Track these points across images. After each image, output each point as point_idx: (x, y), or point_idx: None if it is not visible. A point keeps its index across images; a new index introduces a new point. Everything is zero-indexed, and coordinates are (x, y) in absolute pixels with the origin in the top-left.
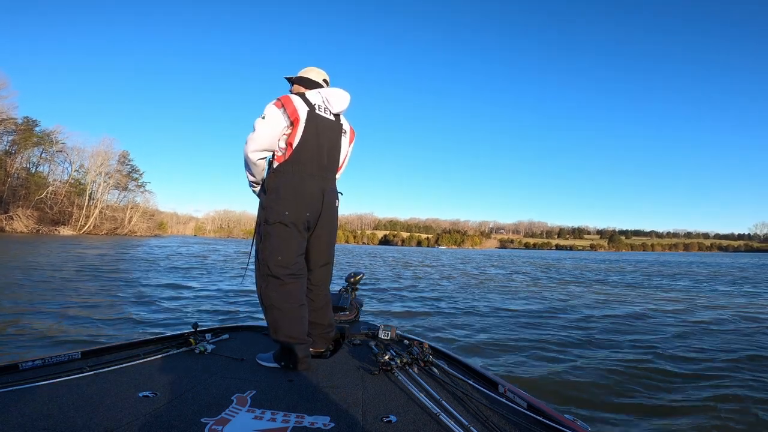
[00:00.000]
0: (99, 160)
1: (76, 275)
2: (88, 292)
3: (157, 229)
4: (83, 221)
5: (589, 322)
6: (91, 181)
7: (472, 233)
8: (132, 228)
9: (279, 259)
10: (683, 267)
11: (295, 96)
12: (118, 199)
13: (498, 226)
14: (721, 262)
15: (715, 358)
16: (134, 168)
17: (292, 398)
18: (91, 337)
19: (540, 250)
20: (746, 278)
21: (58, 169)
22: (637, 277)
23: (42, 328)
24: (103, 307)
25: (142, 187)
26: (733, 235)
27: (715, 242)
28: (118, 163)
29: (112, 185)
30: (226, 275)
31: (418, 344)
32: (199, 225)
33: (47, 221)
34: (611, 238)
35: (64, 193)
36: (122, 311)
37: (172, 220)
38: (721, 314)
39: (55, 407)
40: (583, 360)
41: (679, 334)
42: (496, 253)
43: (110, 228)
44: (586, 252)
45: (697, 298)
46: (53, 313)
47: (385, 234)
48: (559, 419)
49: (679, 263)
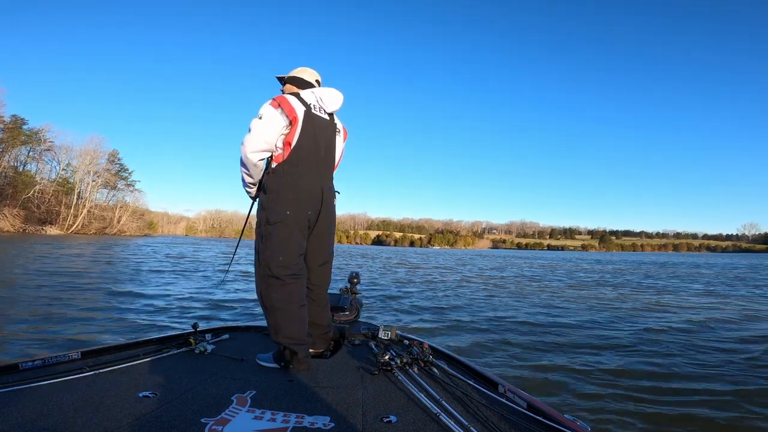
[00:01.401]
0: (87, 158)
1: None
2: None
3: (147, 228)
4: (71, 221)
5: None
6: (79, 180)
7: (464, 233)
8: (121, 228)
9: (280, 259)
10: (690, 268)
11: (290, 96)
12: (107, 199)
13: (490, 226)
14: (719, 263)
15: (721, 361)
16: (123, 167)
17: (292, 398)
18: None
19: (532, 251)
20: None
21: (46, 167)
22: (643, 278)
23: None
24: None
25: (131, 187)
26: (722, 235)
27: (703, 243)
28: (107, 162)
29: (100, 184)
30: (193, 278)
31: (418, 344)
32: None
33: (34, 220)
34: (602, 239)
35: (52, 192)
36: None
37: (162, 219)
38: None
39: (55, 407)
40: (583, 361)
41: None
42: (490, 253)
43: (99, 227)
44: (578, 252)
45: (721, 301)
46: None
47: (378, 234)
48: (559, 419)
49: (682, 264)
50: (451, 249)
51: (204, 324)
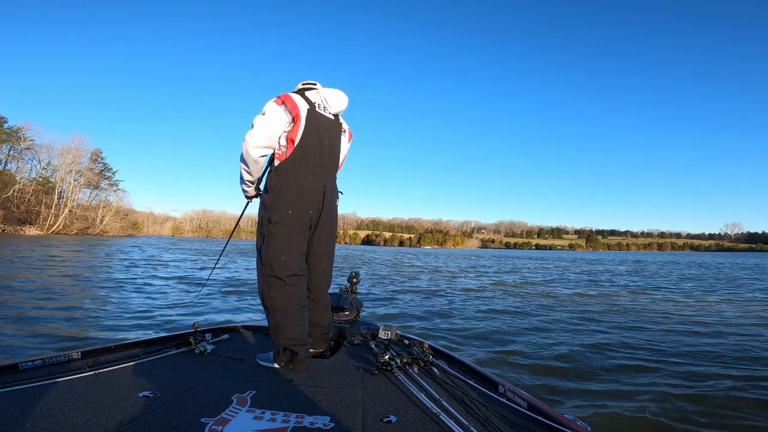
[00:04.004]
0: (69, 158)
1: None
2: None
3: (131, 228)
4: (52, 220)
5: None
6: (60, 180)
7: (454, 233)
8: (104, 228)
9: (282, 259)
10: (682, 267)
11: (294, 94)
12: (89, 198)
13: (479, 225)
14: (719, 263)
15: (721, 362)
16: (107, 166)
17: (292, 398)
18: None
19: (521, 250)
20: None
21: (26, 166)
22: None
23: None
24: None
25: (115, 186)
26: (704, 234)
27: (687, 242)
28: (89, 161)
29: (83, 184)
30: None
31: (418, 344)
32: (176, 225)
33: (13, 220)
34: (589, 238)
35: (32, 191)
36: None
37: (148, 219)
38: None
39: (55, 407)
40: (583, 361)
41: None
42: (485, 253)
43: (81, 228)
44: (566, 252)
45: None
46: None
47: (368, 234)
48: (559, 419)
49: (676, 263)
50: (441, 249)
51: (204, 324)
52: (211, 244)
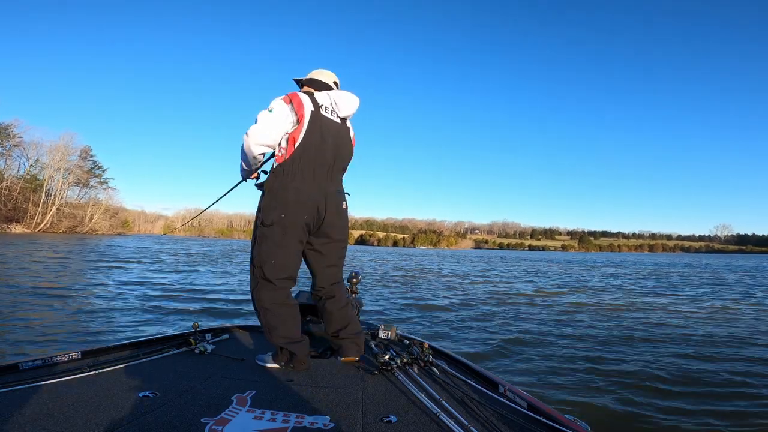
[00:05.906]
0: (58, 155)
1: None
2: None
3: (121, 227)
4: (39, 218)
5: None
6: (48, 177)
7: (447, 233)
8: (93, 226)
9: (273, 263)
10: (679, 269)
11: (302, 94)
12: (78, 196)
13: (473, 226)
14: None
15: (722, 361)
16: (97, 164)
17: (292, 398)
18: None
19: (514, 251)
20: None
21: (14, 164)
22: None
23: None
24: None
25: (104, 184)
26: (695, 236)
27: (678, 243)
28: (79, 159)
29: (72, 181)
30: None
31: (418, 344)
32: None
33: (0, 218)
34: (581, 239)
35: (19, 189)
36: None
37: (139, 218)
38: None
39: (55, 407)
40: (584, 361)
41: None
42: (485, 254)
43: (69, 226)
44: (559, 253)
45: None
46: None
47: (362, 234)
48: (559, 419)
49: (673, 265)
50: (435, 249)
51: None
52: (202, 244)
